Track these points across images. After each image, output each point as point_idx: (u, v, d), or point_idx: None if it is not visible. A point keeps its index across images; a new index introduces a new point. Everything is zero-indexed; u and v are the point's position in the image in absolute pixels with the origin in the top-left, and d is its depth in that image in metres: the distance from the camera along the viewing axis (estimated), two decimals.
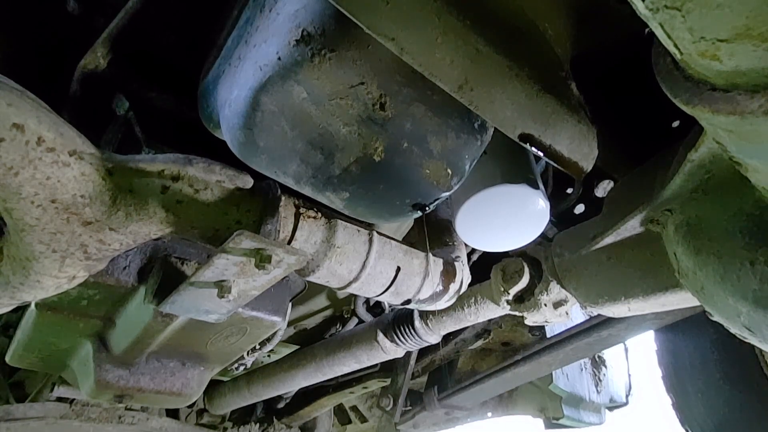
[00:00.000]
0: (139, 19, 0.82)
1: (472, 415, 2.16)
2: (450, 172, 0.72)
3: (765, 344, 0.66)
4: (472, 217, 0.98)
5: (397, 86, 0.64)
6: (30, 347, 1.09)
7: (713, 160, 0.64)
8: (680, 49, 0.38)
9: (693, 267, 0.68)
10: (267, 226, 0.73)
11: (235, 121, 0.64)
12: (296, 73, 0.59)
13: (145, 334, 1.02)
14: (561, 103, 0.68)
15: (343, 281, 0.88)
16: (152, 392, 1.14)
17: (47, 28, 0.91)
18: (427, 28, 0.55)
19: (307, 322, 1.77)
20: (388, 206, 0.74)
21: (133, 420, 1.61)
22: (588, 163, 0.73)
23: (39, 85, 0.65)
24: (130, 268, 0.95)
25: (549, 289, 1.07)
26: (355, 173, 0.67)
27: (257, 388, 1.71)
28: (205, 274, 0.72)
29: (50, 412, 1.46)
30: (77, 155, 0.59)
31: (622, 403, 2.24)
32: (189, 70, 0.90)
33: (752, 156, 0.48)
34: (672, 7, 0.34)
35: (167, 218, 0.68)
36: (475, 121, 0.73)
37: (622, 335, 1.48)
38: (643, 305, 0.89)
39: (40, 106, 0.57)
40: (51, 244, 0.62)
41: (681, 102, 0.44)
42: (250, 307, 1.07)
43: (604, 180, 1.23)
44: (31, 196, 0.57)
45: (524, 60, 0.64)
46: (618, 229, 0.85)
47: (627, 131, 0.99)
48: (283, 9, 0.62)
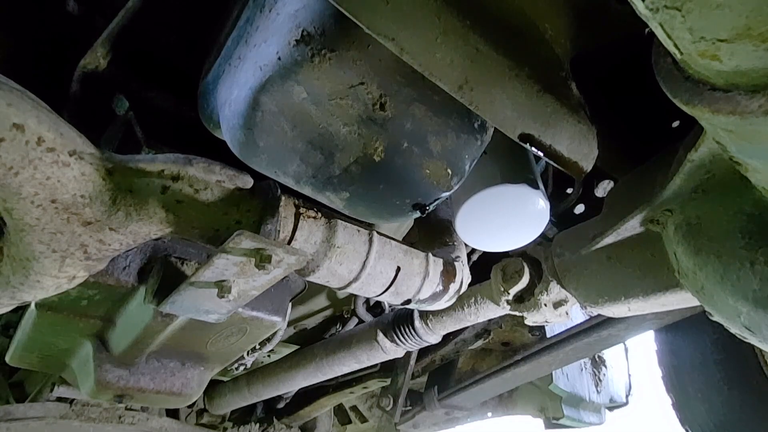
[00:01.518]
0: (139, 19, 0.82)
1: (472, 415, 2.16)
2: (450, 172, 0.72)
3: (765, 344, 0.66)
4: (472, 217, 0.98)
5: (397, 86, 0.64)
6: (30, 347, 1.09)
7: (713, 160, 0.64)
8: (680, 49, 0.38)
9: (693, 267, 0.68)
10: (267, 226, 0.73)
11: (235, 121, 0.64)
12: (296, 73, 0.59)
13: (145, 334, 1.02)
14: (561, 103, 0.68)
15: (343, 281, 0.88)
16: (152, 392, 1.14)
17: (47, 28, 0.91)
18: (427, 28, 0.55)
19: (307, 322, 1.77)
20: (388, 206, 0.74)
21: (133, 420, 1.61)
22: (588, 163, 0.74)
23: (39, 85, 0.65)
24: (130, 268, 0.95)
25: (549, 289, 1.07)
26: (355, 173, 0.67)
27: (257, 388, 1.71)
28: (205, 274, 0.72)
29: (50, 412, 1.46)
30: (77, 155, 0.59)
31: (622, 403, 2.24)
32: (189, 70, 0.90)
33: (752, 156, 0.48)
34: (672, 7, 0.34)
35: (167, 218, 0.68)
36: (475, 121, 0.73)
37: (622, 335, 1.48)
38: (643, 305, 0.89)
39: (40, 106, 0.57)
40: (51, 244, 0.62)
41: (681, 102, 0.44)
42: (250, 307, 1.07)
43: (604, 180, 1.23)
44: (31, 196, 0.57)
45: (524, 60, 0.64)
46: (618, 229, 0.85)
47: (627, 131, 0.99)
48: (283, 9, 0.62)
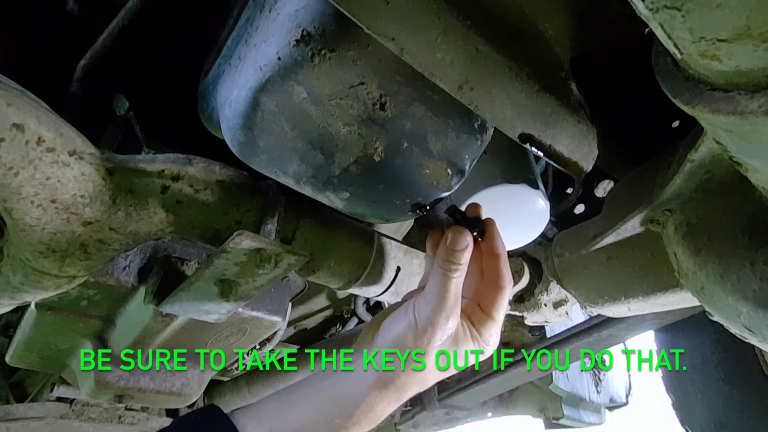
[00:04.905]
0: (139, 19, 0.82)
1: (472, 415, 2.17)
2: (450, 172, 0.72)
3: (765, 344, 0.66)
4: None
5: (397, 86, 0.64)
6: (30, 347, 1.09)
7: (713, 160, 0.64)
8: (680, 49, 0.38)
9: (693, 267, 0.68)
10: (267, 226, 0.73)
11: (235, 121, 0.64)
12: (296, 73, 0.59)
13: (145, 334, 1.02)
14: (561, 103, 0.68)
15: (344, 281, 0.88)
16: (152, 392, 1.14)
17: (47, 28, 0.91)
18: (427, 28, 0.55)
19: (307, 322, 1.77)
20: (388, 206, 0.74)
21: (133, 420, 1.61)
22: (588, 163, 0.73)
23: (39, 85, 0.65)
24: (130, 268, 0.95)
25: (549, 289, 1.07)
26: (355, 173, 0.67)
27: (257, 388, 1.71)
28: (205, 274, 0.72)
29: (50, 412, 1.46)
30: (77, 155, 0.59)
31: (622, 403, 2.25)
32: (189, 70, 0.90)
33: (752, 156, 0.48)
34: (672, 7, 0.34)
35: (167, 218, 0.68)
36: (475, 121, 0.73)
37: (622, 335, 1.48)
38: (643, 305, 0.89)
39: (40, 106, 0.57)
40: (51, 244, 0.62)
41: (681, 102, 0.44)
42: (250, 307, 1.07)
43: (604, 180, 1.24)
44: (31, 196, 0.57)
45: (524, 60, 0.64)
46: (618, 229, 0.85)
47: (627, 131, 0.99)
48: (283, 9, 0.61)
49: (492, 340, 0.70)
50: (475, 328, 0.69)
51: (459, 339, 0.67)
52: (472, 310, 0.70)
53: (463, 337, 0.68)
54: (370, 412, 0.64)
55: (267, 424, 0.63)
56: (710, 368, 1.69)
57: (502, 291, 0.70)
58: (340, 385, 0.66)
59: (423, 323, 0.65)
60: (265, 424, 0.63)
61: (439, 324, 0.64)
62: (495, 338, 0.71)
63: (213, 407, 0.65)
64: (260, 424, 0.63)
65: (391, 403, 0.66)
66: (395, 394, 0.65)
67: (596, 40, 0.74)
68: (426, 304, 0.66)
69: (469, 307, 0.71)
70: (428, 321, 0.64)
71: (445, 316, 0.65)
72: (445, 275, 0.65)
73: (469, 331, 0.68)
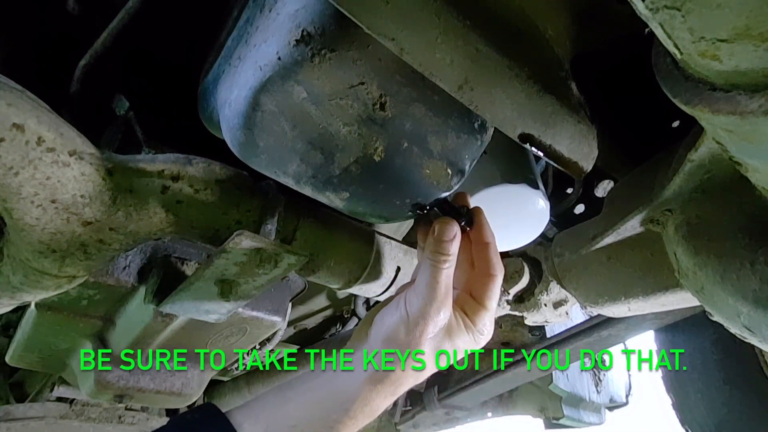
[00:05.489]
0: (140, 19, 0.82)
1: (472, 415, 2.17)
2: (450, 172, 0.72)
3: (765, 344, 0.66)
4: None
5: (397, 86, 0.64)
6: (30, 347, 1.09)
7: (713, 160, 0.64)
8: (680, 49, 0.38)
9: (693, 267, 0.68)
10: (267, 226, 0.73)
11: (235, 121, 0.64)
12: (296, 73, 0.58)
13: (145, 334, 1.02)
14: (561, 103, 0.68)
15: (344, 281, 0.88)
16: (152, 392, 1.14)
17: (47, 28, 0.91)
18: (427, 28, 0.55)
19: (307, 322, 1.77)
20: (388, 206, 0.74)
21: (133, 420, 1.61)
22: (588, 163, 0.73)
23: (39, 85, 0.65)
24: (130, 268, 0.95)
25: (549, 289, 1.07)
26: (355, 173, 0.67)
27: (257, 388, 1.71)
28: (205, 274, 0.72)
29: (50, 412, 1.46)
30: (77, 155, 0.59)
31: (622, 403, 2.25)
32: (189, 70, 0.90)
33: (752, 156, 0.48)
34: (672, 7, 0.34)
35: (167, 218, 0.68)
36: (475, 121, 0.73)
37: (622, 335, 1.48)
38: (643, 305, 0.89)
39: (40, 106, 0.57)
40: (51, 244, 0.62)
41: (681, 102, 0.44)
42: (250, 307, 1.07)
43: (604, 180, 1.24)
44: (31, 196, 0.57)
45: (524, 60, 0.64)
46: (618, 229, 0.85)
47: (627, 131, 0.99)
48: (283, 9, 0.61)
49: (486, 330, 0.70)
50: (469, 318, 0.69)
51: (452, 330, 0.67)
52: (465, 300, 0.70)
53: (457, 328, 0.67)
54: (366, 406, 0.64)
55: (263, 421, 0.63)
56: (710, 368, 1.69)
57: (493, 279, 0.70)
58: (336, 381, 0.66)
59: (415, 316, 0.64)
60: (262, 421, 0.63)
61: (431, 316, 0.64)
62: (489, 327, 0.70)
63: (209, 406, 0.65)
64: (257, 421, 0.63)
65: (387, 398, 0.66)
66: (391, 388, 0.65)
67: (596, 40, 0.74)
68: (417, 297, 0.65)
69: (461, 297, 0.71)
70: (420, 313, 0.64)
71: (436, 307, 0.64)
72: (434, 267, 0.65)
73: (462, 322, 0.68)
